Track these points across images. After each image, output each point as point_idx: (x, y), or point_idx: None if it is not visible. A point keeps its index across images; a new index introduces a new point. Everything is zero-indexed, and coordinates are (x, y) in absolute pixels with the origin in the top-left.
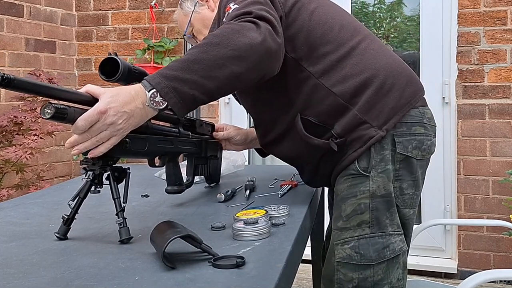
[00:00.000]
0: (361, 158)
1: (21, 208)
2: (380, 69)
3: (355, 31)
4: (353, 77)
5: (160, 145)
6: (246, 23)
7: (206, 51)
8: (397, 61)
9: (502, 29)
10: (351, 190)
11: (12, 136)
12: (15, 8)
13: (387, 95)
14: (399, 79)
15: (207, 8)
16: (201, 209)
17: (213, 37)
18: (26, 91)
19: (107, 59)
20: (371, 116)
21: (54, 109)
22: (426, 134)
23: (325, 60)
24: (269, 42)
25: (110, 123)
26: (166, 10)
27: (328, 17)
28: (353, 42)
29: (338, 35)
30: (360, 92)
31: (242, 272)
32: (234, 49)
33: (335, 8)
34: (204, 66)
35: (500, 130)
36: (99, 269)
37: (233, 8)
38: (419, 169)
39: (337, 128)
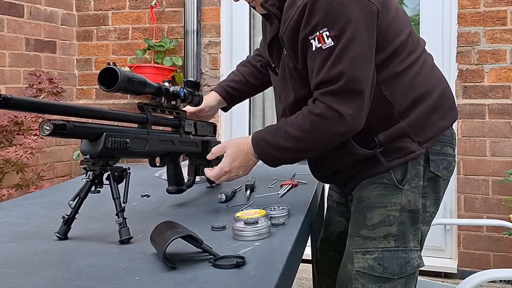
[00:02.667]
0: (397, 170)
1: (21, 208)
2: (435, 88)
3: (419, 41)
4: (411, 90)
5: (161, 145)
6: (331, 117)
7: (298, 148)
8: (446, 82)
9: (502, 29)
10: (381, 199)
11: (12, 136)
12: (15, 8)
13: (435, 114)
14: (447, 100)
15: None
16: (202, 209)
17: (305, 138)
18: (25, 109)
19: (105, 69)
20: (417, 132)
21: (52, 125)
22: (453, 155)
23: (389, 67)
24: (350, 128)
25: (235, 175)
26: (166, 10)
27: (404, 23)
28: (416, 54)
29: (410, 42)
30: (414, 106)
31: (242, 272)
32: (322, 147)
33: (404, 12)
34: (292, 154)
35: (500, 130)
36: (99, 269)
37: (327, 45)
38: (442, 189)
39: (381, 137)
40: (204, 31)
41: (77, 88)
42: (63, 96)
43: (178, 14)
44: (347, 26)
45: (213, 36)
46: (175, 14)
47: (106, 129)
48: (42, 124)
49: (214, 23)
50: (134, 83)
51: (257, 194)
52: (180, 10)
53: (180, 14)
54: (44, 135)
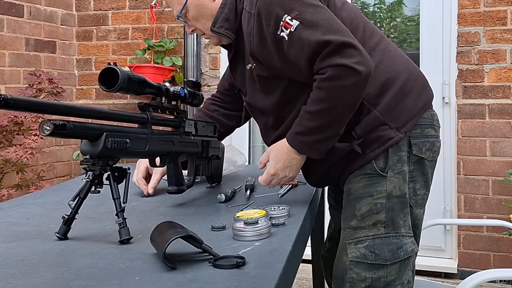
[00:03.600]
0: (378, 158)
1: (21, 208)
2: (401, 72)
3: (374, 31)
4: (376, 78)
5: (161, 145)
6: (340, 72)
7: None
8: (413, 64)
9: (502, 29)
10: (367, 189)
11: (12, 136)
12: (15, 8)
13: (406, 98)
14: (417, 82)
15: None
16: (202, 209)
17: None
18: (25, 109)
19: (106, 69)
20: (391, 118)
21: (52, 125)
22: (436, 136)
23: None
24: (364, 72)
25: (283, 177)
26: (166, 10)
27: (352, 15)
28: (373, 42)
29: (362, 34)
30: (382, 93)
31: (242, 272)
32: (350, 106)
33: (354, 6)
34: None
35: (500, 130)
36: (99, 269)
37: (295, 26)
38: (430, 170)
39: (358, 129)
40: None
41: (77, 88)
42: (63, 96)
43: None
44: (301, 4)
45: None
46: None
47: (106, 129)
48: (42, 124)
49: None
50: (135, 83)
51: (257, 194)
52: None
53: None
54: (44, 135)
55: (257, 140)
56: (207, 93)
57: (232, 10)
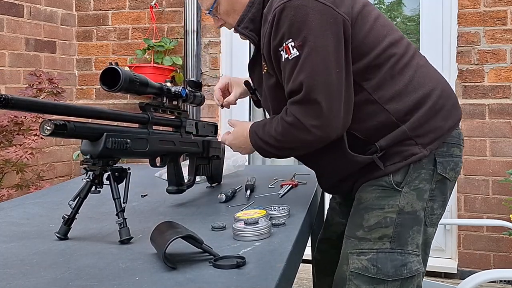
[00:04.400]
0: (397, 172)
1: (21, 208)
2: (433, 89)
3: (408, 46)
4: (407, 94)
5: (162, 145)
6: (298, 127)
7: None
8: (445, 81)
9: (502, 29)
10: (379, 201)
11: (12, 136)
12: (15, 8)
13: (437, 116)
14: (448, 100)
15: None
16: (202, 209)
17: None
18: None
19: (107, 69)
20: (419, 134)
21: (53, 125)
22: (460, 156)
23: (379, 74)
24: (319, 137)
25: (236, 151)
26: (166, 10)
27: (385, 32)
28: (407, 58)
29: (394, 49)
30: (413, 111)
31: (242, 272)
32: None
33: (388, 20)
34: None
35: (500, 130)
36: (99, 269)
37: (293, 55)
38: (449, 191)
39: (382, 141)
40: (204, 31)
41: (77, 88)
42: (63, 96)
43: (178, 14)
44: (309, 36)
45: (213, 36)
46: (175, 14)
47: (107, 129)
48: (43, 124)
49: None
50: (136, 83)
51: (257, 194)
52: (180, 10)
53: (180, 14)
54: (45, 135)
55: None
56: (207, 93)
57: (259, 11)
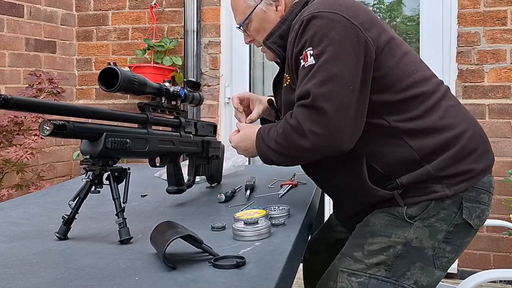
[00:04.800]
0: (412, 206)
1: (21, 208)
2: (464, 131)
3: (438, 85)
4: (434, 134)
5: (161, 145)
6: (297, 130)
7: (279, 152)
8: (477, 124)
9: (502, 29)
10: (387, 229)
11: (12, 136)
12: (15, 8)
13: (466, 159)
14: (480, 144)
15: (274, 9)
16: (201, 209)
17: (281, 144)
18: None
19: (106, 69)
20: (444, 175)
21: (52, 125)
22: (488, 204)
23: (405, 109)
24: (317, 146)
25: (241, 153)
26: (166, 10)
27: (413, 68)
28: (436, 97)
29: (422, 87)
30: (440, 152)
31: (242, 272)
32: (296, 157)
33: (418, 57)
34: (276, 156)
35: (500, 130)
36: (99, 269)
37: (309, 63)
38: (469, 238)
39: (404, 179)
40: (204, 31)
41: (77, 88)
42: (63, 96)
43: (178, 14)
44: (329, 47)
45: (213, 36)
46: (175, 14)
47: (106, 129)
48: (42, 124)
49: (214, 23)
50: (135, 83)
51: (257, 194)
52: (180, 10)
53: (180, 14)
54: (44, 135)
55: None
56: (207, 93)
57: (290, 28)
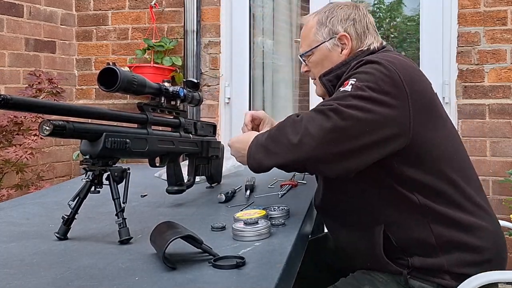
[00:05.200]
0: (416, 281)
1: (21, 208)
2: (490, 247)
3: (474, 179)
4: (458, 229)
5: (161, 145)
6: (294, 120)
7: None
8: (500, 232)
9: (502, 29)
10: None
11: (12, 136)
12: (15, 8)
13: (482, 265)
14: (499, 261)
15: (339, 51)
16: (201, 210)
17: (271, 139)
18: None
19: (105, 69)
20: (457, 272)
21: (52, 125)
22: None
23: (438, 193)
24: (301, 145)
25: (233, 154)
26: (166, 10)
27: (455, 151)
28: (469, 191)
29: (460, 176)
30: (458, 248)
31: (242, 272)
32: (281, 147)
33: (461, 142)
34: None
35: (500, 130)
36: (99, 269)
37: (346, 88)
38: None
39: (416, 262)
40: (204, 31)
41: (76, 88)
42: (62, 96)
43: (178, 14)
44: (371, 91)
45: (213, 36)
46: (175, 14)
47: (106, 129)
48: (42, 124)
49: (214, 23)
50: (134, 83)
51: (257, 194)
52: (180, 10)
53: (180, 14)
54: (44, 135)
55: None
56: (207, 93)
57: (347, 70)
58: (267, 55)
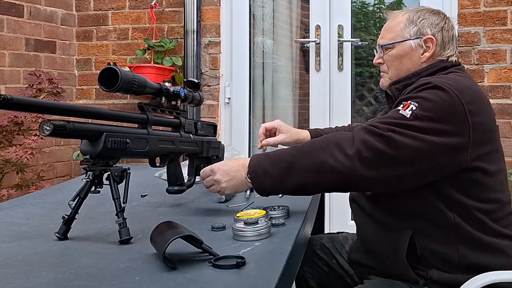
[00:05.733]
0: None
1: (21, 208)
2: None
3: (509, 214)
4: (486, 254)
5: (161, 145)
6: (343, 142)
7: (296, 159)
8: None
9: (502, 29)
10: None
11: (12, 136)
12: (15, 8)
13: None
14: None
15: (421, 52)
16: (201, 210)
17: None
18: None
19: (106, 69)
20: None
21: (52, 125)
22: None
23: (473, 218)
24: (356, 172)
25: (216, 180)
26: (166, 10)
27: (501, 186)
28: (504, 223)
29: (498, 206)
30: (479, 271)
31: (242, 272)
32: (317, 164)
33: (507, 177)
34: (286, 169)
35: (500, 130)
36: (99, 269)
37: (404, 112)
38: None
39: (435, 275)
40: (204, 31)
41: (77, 88)
42: (63, 96)
43: (178, 14)
44: (430, 121)
45: (213, 36)
46: (175, 14)
47: (106, 129)
48: (42, 124)
49: (214, 23)
50: (134, 83)
51: (257, 194)
52: (180, 10)
53: (180, 14)
54: (44, 135)
55: (257, 141)
56: (207, 93)
57: (415, 83)
58: (267, 55)
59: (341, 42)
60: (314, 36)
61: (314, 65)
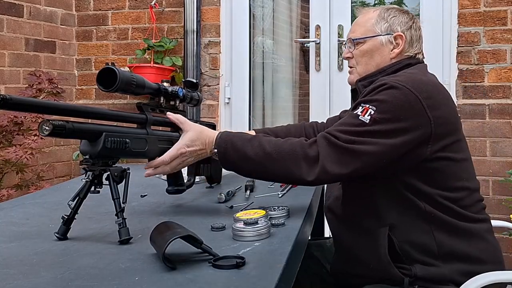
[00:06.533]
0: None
1: (21, 208)
2: (490, 259)
3: (479, 200)
4: (461, 239)
5: (161, 145)
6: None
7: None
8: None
9: (502, 29)
10: None
11: (12, 136)
12: (15, 8)
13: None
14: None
15: (390, 49)
16: (201, 209)
17: (276, 152)
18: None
19: (104, 69)
20: (459, 280)
21: (51, 125)
22: None
23: (444, 206)
24: (323, 182)
25: (184, 160)
26: (166, 10)
27: (467, 175)
28: (475, 210)
29: (467, 195)
30: (460, 258)
31: (242, 272)
32: (283, 173)
33: (472, 166)
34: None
35: (500, 130)
36: (99, 269)
37: (363, 118)
38: None
39: (419, 272)
40: (203, 31)
41: (76, 88)
42: (62, 96)
43: (178, 14)
44: (388, 123)
45: (213, 36)
46: (175, 14)
47: (106, 129)
48: (42, 124)
49: (214, 23)
50: (133, 84)
51: (257, 194)
52: (180, 10)
53: (180, 14)
54: (44, 135)
55: None
56: (207, 93)
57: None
58: (267, 55)
59: (341, 42)
60: (314, 36)
61: (314, 65)
